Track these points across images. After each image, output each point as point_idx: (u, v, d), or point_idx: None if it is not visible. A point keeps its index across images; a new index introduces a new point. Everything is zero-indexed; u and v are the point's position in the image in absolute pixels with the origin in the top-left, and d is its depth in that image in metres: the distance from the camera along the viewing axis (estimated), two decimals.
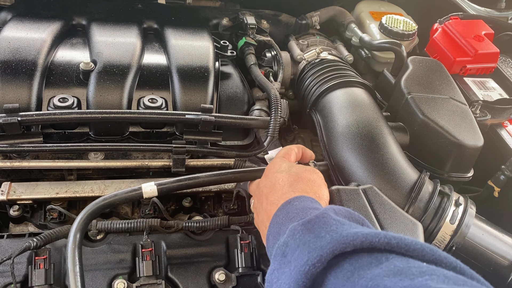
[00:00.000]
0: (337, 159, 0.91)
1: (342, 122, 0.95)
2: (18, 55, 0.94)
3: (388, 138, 0.91)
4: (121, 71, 0.97)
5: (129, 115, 0.91)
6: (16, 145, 0.88)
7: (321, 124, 1.02)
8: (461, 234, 0.83)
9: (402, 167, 0.87)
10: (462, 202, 0.85)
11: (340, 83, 1.06)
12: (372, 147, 0.88)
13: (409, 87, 1.03)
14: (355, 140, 0.90)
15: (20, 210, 0.90)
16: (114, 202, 0.76)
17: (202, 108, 0.95)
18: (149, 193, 0.78)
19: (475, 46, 1.20)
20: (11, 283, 0.73)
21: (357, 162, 0.88)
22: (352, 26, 1.36)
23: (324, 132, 0.99)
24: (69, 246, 0.68)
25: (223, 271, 0.82)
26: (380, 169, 0.85)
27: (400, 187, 0.84)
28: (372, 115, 0.96)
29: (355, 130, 0.92)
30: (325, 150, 0.96)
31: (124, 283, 0.77)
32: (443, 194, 0.86)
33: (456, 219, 0.83)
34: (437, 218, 0.83)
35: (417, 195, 0.83)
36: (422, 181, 0.85)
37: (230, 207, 1.00)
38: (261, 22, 1.32)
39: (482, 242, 0.84)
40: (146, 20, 1.19)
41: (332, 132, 0.96)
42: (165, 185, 0.79)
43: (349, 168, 0.88)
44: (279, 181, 0.71)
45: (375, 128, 0.93)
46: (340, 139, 0.92)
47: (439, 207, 0.84)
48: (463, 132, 0.94)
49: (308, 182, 0.71)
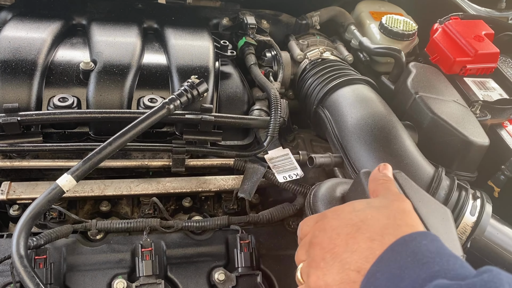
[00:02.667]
0: (353, 152, 0.91)
1: (355, 116, 0.96)
2: (18, 55, 0.94)
3: (402, 132, 0.93)
4: (121, 71, 0.97)
5: (129, 114, 0.91)
6: (16, 144, 0.88)
7: (331, 119, 1.02)
8: (481, 227, 0.83)
9: (419, 160, 0.88)
10: (479, 196, 0.87)
11: (347, 80, 1.07)
12: (390, 139, 0.89)
13: (416, 88, 1.06)
14: (372, 132, 0.90)
15: (20, 209, 0.90)
16: (40, 210, 0.74)
17: (202, 108, 0.95)
18: (68, 185, 0.76)
19: (475, 46, 1.20)
20: (10, 283, 0.73)
21: (374, 154, 0.88)
22: (351, 28, 1.36)
23: (336, 127, 0.99)
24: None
25: (223, 271, 0.82)
26: (398, 160, 0.86)
27: (419, 178, 0.84)
28: (385, 110, 0.98)
29: (371, 123, 0.92)
30: (339, 144, 0.96)
31: (123, 283, 0.77)
32: (461, 187, 0.87)
33: (476, 211, 0.84)
34: (458, 210, 0.84)
35: (438, 186, 0.84)
36: (441, 173, 0.85)
37: (230, 207, 1.00)
38: (261, 22, 1.32)
39: (496, 240, 0.84)
40: (146, 20, 1.19)
41: (345, 127, 0.96)
42: (78, 170, 0.78)
43: (366, 161, 0.88)
44: (368, 217, 0.52)
45: (390, 121, 0.94)
46: (355, 133, 0.93)
47: (458, 199, 0.85)
48: (471, 130, 0.97)
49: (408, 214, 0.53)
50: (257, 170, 0.97)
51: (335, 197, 0.74)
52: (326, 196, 0.74)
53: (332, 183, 0.78)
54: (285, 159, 1.01)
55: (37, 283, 0.66)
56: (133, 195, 0.95)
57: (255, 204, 1.05)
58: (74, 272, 0.79)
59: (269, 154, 1.01)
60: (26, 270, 0.67)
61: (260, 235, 0.90)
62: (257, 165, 0.98)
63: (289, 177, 0.97)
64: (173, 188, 0.96)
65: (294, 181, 0.96)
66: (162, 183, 0.96)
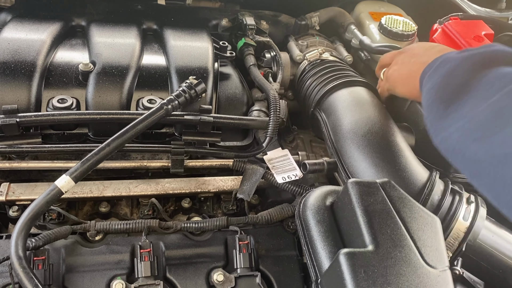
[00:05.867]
0: (346, 156, 0.91)
1: (350, 119, 0.95)
2: (18, 56, 0.95)
3: (397, 136, 0.92)
4: (120, 72, 0.97)
5: (127, 116, 0.91)
6: (15, 146, 0.88)
7: (327, 122, 1.01)
8: (475, 231, 0.83)
9: (413, 164, 0.87)
10: (473, 200, 0.86)
11: (345, 82, 1.06)
12: (383, 144, 0.88)
13: None
14: (366, 137, 0.90)
15: (19, 210, 0.90)
16: (39, 212, 0.74)
17: (201, 109, 0.95)
18: (66, 186, 0.76)
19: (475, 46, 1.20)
20: (9, 284, 0.73)
21: (367, 159, 0.87)
22: (351, 28, 1.36)
23: (332, 131, 0.99)
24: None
25: (222, 271, 0.82)
26: (391, 166, 0.85)
27: (412, 184, 0.84)
28: (380, 114, 0.97)
29: (365, 127, 0.91)
30: (333, 148, 0.96)
31: (122, 284, 0.77)
32: (454, 192, 0.86)
33: (469, 215, 0.83)
34: (451, 215, 0.83)
35: (431, 191, 0.83)
36: (434, 178, 0.85)
37: (229, 208, 1.00)
38: (260, 23, 1.32)
39: (491, 243, 0.84)
40: (145, 21, 1.19)
41: (340, 130, 0.95)
42: (76, 171, 0.78)
43: (359, 166, 0.88)
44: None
45: (385, 125, 0.93)
46: (349, 137, 0.92)
47: (451, 204, 0.84)
48: None
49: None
50: (256, 171, 0.97)
51: (323, 207, 0.76)
52: (315, 206, 0.76)
53: (321, 192, 0.79)
54: (284, 160, 1.01)
55: (36, 284, 0.66)
56: (132, 196, 0.95)
57: (254, 205, 1.05)
58: (73, 273, 0.79)
59: (268, 155, 1.01)
60: (25, 271, 0.67)
61: (259, 236, 0.90)
62: (256, 166, 0.98)
63: (288, 177, 0.97)
64: (172, 189, 0.96)
65: (293, 182, 0.96)
66: (161, 184, 0.96)
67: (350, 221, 0.70)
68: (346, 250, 0.63)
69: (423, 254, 0.66)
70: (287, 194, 0.99)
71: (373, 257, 0.63)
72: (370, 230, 0.66)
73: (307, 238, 0.74)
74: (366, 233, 0.66)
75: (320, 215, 0.74)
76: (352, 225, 0.69)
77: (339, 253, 0.63)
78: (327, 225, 0.73)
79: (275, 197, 1.04)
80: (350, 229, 0.70)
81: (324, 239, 0.72)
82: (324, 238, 0.72)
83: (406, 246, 0.66)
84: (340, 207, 0.74)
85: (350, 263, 0.61)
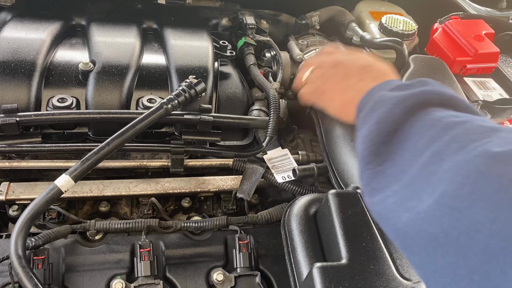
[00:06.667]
0: (336, 160, 0.91)
1: (342, 124, 0.95)
2: (17, 56, 0.95)
3: None
4: (120, 71, 0.97)
5: (127, 115, 0.91)
6: (15, 145, 0.88)
7: (321, 125, 1.01)
8: None
9: None
10: None
11: None
12: None
13: None
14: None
15: (19, 210, 0.90)
16: (38, 211, 0.74)
17: (200, 108, 0.95)
18: (66, 185, 0.76)
19: (475, 46, 1.20)
20: (9, 283, 0.73)
21: (356, 164, 0.87)
22: (352, 25, 1.35)
23: (324, 133, 0.99)
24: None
25: (222, 271, 0.82)
26: None
27: None
28: None
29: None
30: (325, 151, 0.96)
31: (122, 283, 0.77)
32: None
33: None
34: None
35: None
36: None
37: (229, 207, 1.00)
38: (260, 22, 1.32)
39: None
40: (145, 20, 1.19)
41: (331, 133, 0.95)
42: (76, 170, 0.78)
43: (348, 170, 0.88)
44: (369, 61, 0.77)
45: None
46: (339, 141, 0.92)
47: None
48: None
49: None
50: (256, 170, 0.97)
51: (306, 216, 0.79)
52: (299, 215, 0.79)
53: (306, 201, 0.81)
54: (284, 159, 1.01)
55: (36, 284, 0.66)
56: (132, 195, 0.95)
57: (254, 205, 1.05)
58: (72, 273, 0.79)
59: (268, 154, 1.01)
60: (25, 270, 0.67)
61: (259, 235, 0.89)
62: (256, 166, 0.98)
63: (288, 177, 0.97)
64: (172, 189, 0.96)
65: (293, 182, 0.96)
66: (161, 184, 0.96)
67: (329, 232, 0.72)
68: (319, 264, 0.65)
69: (399, 267, 0.67)
70: (287, 193, 0.99)
71: (345, 271, 0.64)
72: (345, 243, 0.68)
73: (290, 247, 0.76)
74: (342, 246, 0.68)
75: (303, 225, 0.77)
76: (330, 237, 0.71)
77: (313, 267, 0.65)
78: (308, 235, 0.75)
79: (275, 197, 1.04)
80: (329, 240, 0.72)
81: (305, 249, 0.74)
82: (305, 248, 0.74)
83: (381, 259, 0.67)
84: (322, 218, 0.76)
85: (322, 278, 0.63)
